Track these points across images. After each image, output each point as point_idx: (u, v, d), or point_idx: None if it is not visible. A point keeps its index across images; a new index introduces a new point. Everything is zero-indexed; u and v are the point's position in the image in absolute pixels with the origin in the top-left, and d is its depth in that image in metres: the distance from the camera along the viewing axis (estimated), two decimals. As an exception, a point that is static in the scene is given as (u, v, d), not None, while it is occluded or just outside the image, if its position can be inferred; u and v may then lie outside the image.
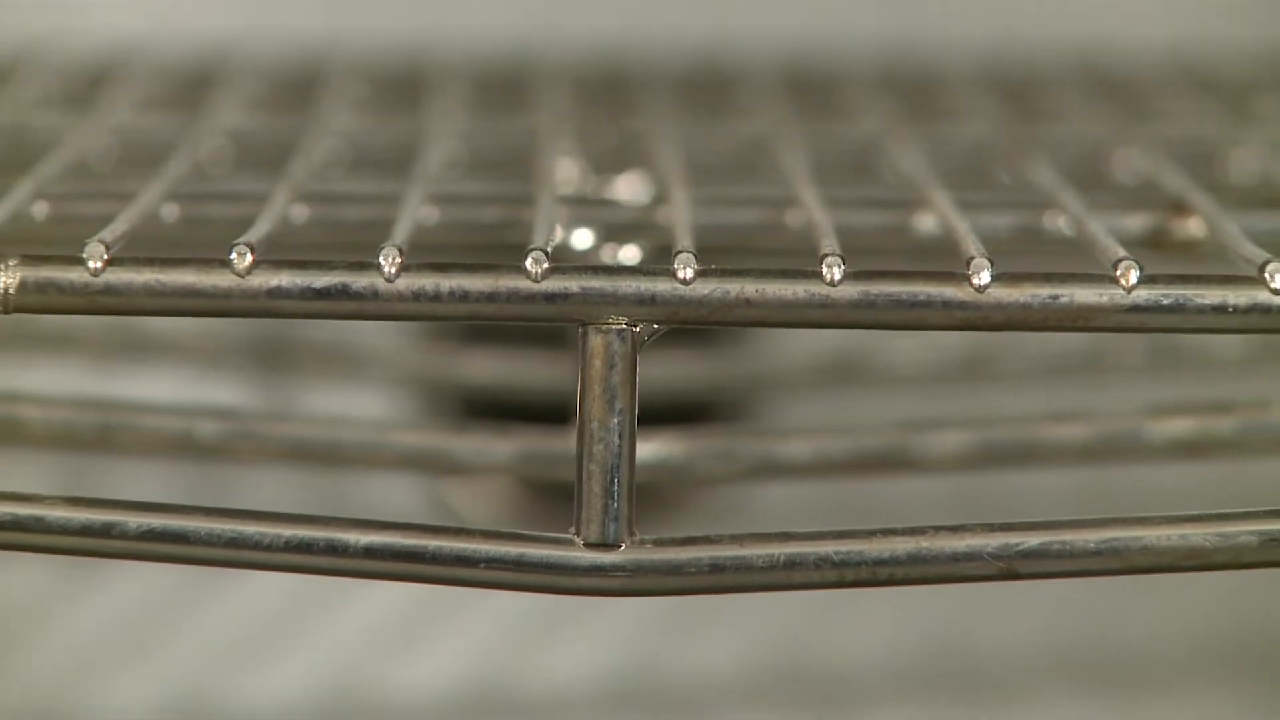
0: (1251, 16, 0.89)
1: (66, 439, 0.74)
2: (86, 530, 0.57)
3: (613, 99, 0.77)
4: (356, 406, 0.89)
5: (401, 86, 0.80)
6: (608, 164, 0.69)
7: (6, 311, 0.54)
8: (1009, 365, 0.84)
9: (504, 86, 0.80)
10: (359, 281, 0.54)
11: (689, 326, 0.56)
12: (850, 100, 0.78)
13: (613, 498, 0.56)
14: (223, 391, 0.88)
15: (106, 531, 0.57)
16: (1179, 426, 0.70)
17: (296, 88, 0.78)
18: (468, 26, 0.87)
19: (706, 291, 0.54)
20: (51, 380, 0.86)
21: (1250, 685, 0.92)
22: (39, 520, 0.57)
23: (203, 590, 0.91)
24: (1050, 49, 0.86)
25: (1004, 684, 0.92)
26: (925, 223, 0.64)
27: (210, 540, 0.57)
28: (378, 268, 0.54)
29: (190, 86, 0.80)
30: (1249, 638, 0.91)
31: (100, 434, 0.74)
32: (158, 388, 0.87)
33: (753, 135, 0.72)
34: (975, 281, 0.54)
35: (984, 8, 0.86)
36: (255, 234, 0.56)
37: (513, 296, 0.54)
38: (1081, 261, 0.56)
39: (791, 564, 0.56)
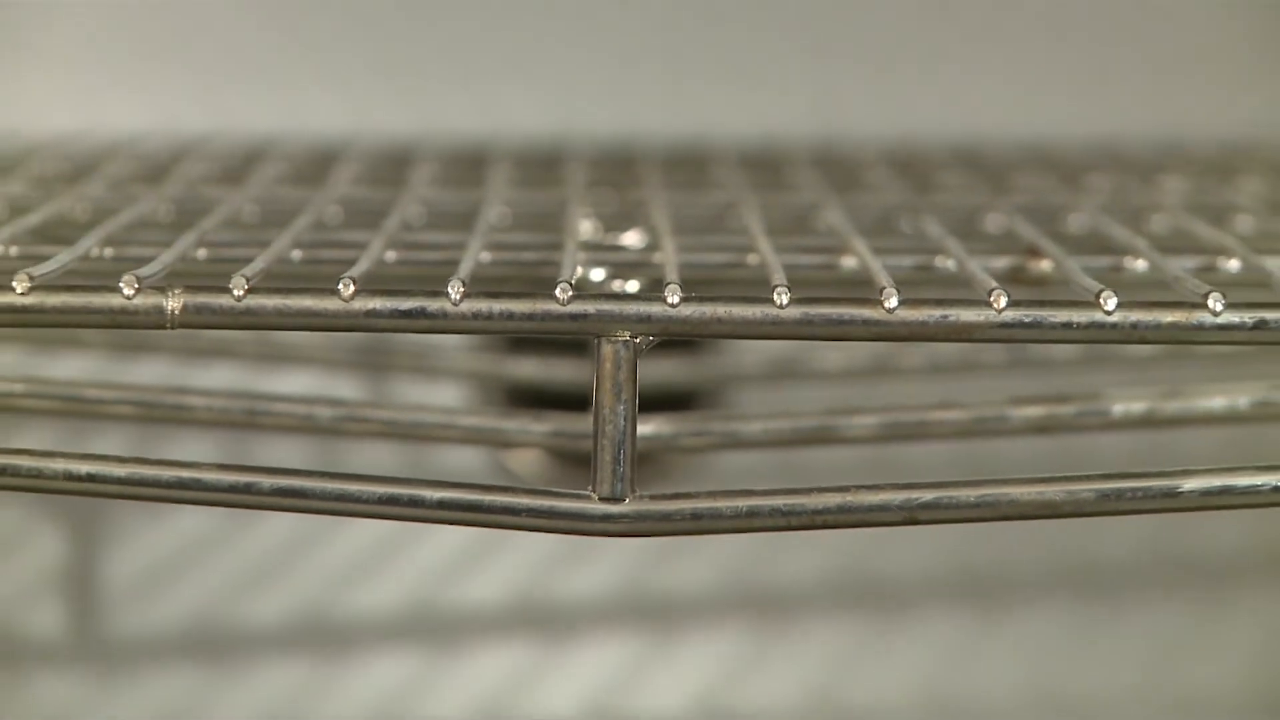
0: (1087, 112, 0.86)
1: (221, 420, 0.73)
2: (232, 488, 0.56)
3: (618, 176, 0.76)
4: (432, 397, 0.87)
5: (466, 166, 0.78)
6: (615, 222, 0.68)
7: (172, 327, 0.53)
8: (908, 365, 0.83)
9: (539, 166, 0.78)
10: (433, 305, 0.53)
11: (676, 338, 0.55)
12: (791, 177, 0.76)
13: (619, 464, 0.55)
14: (335, 385, 0.86)
15: (247, 489, 0.56)
16: (1032, 412, 0.69)
17: (390, 168, 0.77)
18: (515, 125, 0.84)
19: (688, 313, 0.53)
20: (210, 378, 0.84)
21: (1079, 601, 0.89)
22: (198, 481, 0.56)
23: (318, 534, 0.88)
24: (935, 140, 0.84)
25: (904, 600, 0.89)
26: (848, 262, 0.63)
27: (324, 496, 0.56)
28: (447, 295, 0.53)
29: (312, 166, 0.78)
30: (1076, 563, 0.89)
31: (246, 417, 0.73)
32: (288, 383, 0.85)
33: (721, 201, 0.71)
34: (886, 305, 0.53)
35: (888, 112, 0.84)
36: (357, 270, 0.55)
37: (545, 316, 0.53)
38: (963, 291, 0.54)
39: (751, 514, 0.55)
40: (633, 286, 0.59)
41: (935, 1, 0.88)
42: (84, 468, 0.56)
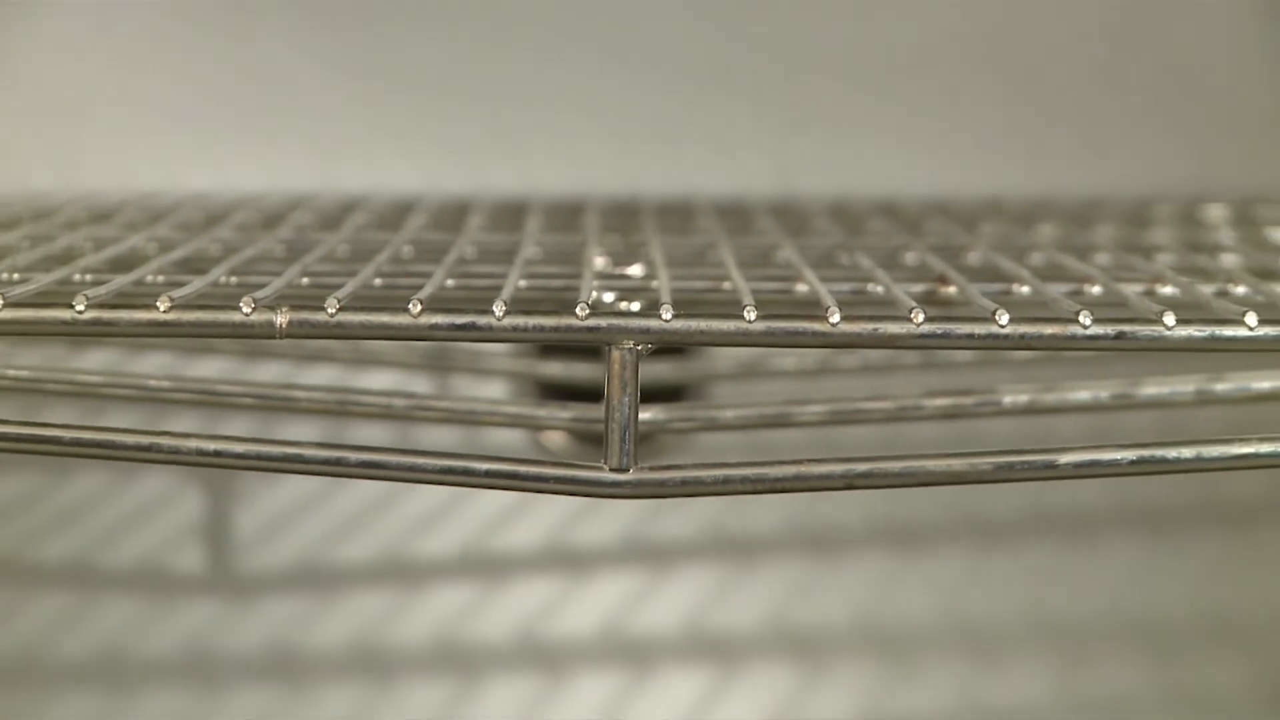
0: (977, 176, 0.85)
1: (319, 409, 0.72)
2: (327, 461, 0.55)
3: (624, 224, 0.75)
4: (482, 391, 0.86)
5: (507, 216, 0.77)
6: (621, 258, 0.67)
7: (281, 338, 0.53)
8: (845, 366, 0.81)
9: (564, 216, 0.77)
10: (482, 320, 0.53)
11: (668, 345, 0.55)
12: (756, 224, 0.75)
13: (625, 443, 0.54)
14: (408, 382, 0.85)
15: (339, 462, 0.55)
16: (941, 402, 0.68)
17: (450, 217, 0.76)
18: (545, 185, 0.83)
19: (678, 326, 0.53)
20: (312, 377, 0.83)
21: (974, 546, 0.88)
22: (300, 456, 0.55)
23: (393, 496, 0.87)
24: (865, 197, 0.83)
25: (841, 544, 0.88)
26: (801, 288, 0.62)
27: (398, 467, 0.55)
28: (492, 312, 0.53)
29: (390, 216, 0.78)
30: (972, 517, 0.87)
31: (339, 407, 0.72)
32: (372, 380, 0.84)
33: (702, 242, 0.70)
34: (830, 321, 0.53)
35: (829, 177, 0.82)
36: (423, 294, 0.55)
37: (568, 329, 0.53)
38: (889, 310, 0.53)
39: (726, 480, 0.54)
40: (635, 306, 0.58)
41: (864, 95, 0.87)
42: (212, 445, 0.56)
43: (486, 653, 0.89)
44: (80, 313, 0.53)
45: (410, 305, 0.53)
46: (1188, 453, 0.55)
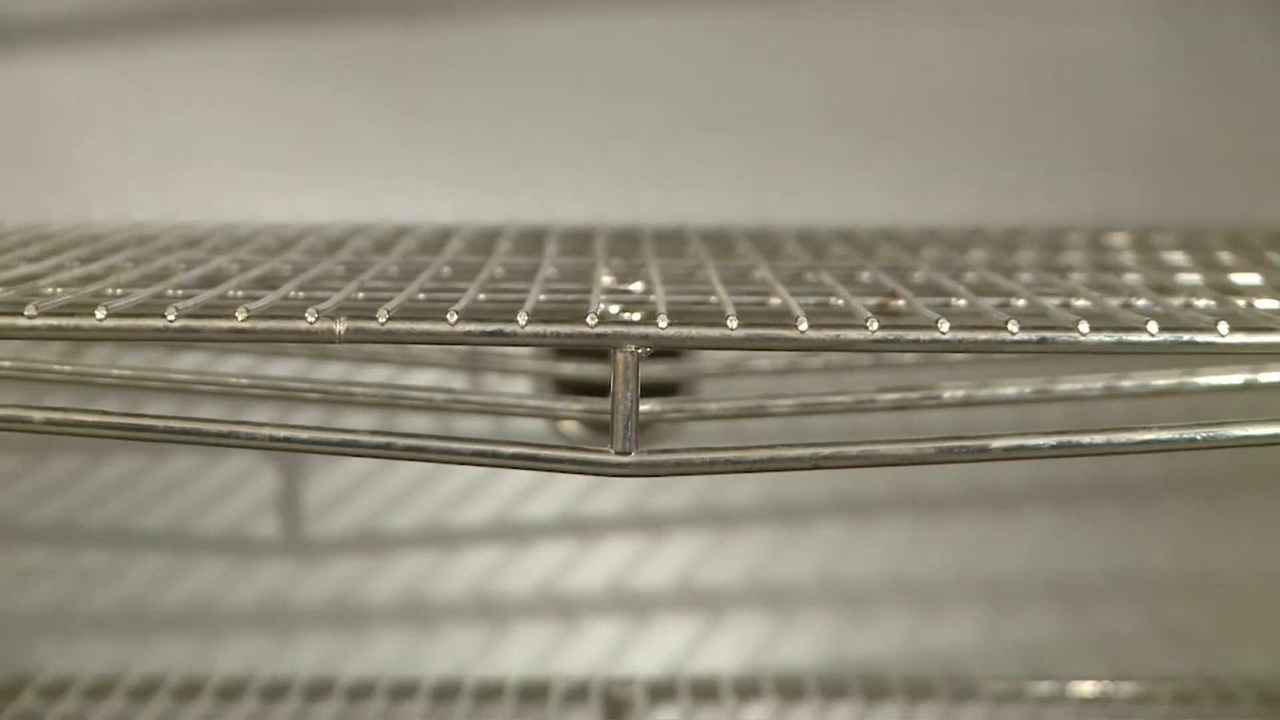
0: (917, 208, 0.86)
1: (373, 402, 0.72)
2: (379, 446, 0.54)
3: (626, 249, 0.75)
4: (509, 387, 0.85)
5: (530, 242, 0.77)
6: (625, 276, 0.66)
7: (340, 343, 0.52)
8: (811, 366, 0.81)
9: (577, 242, 0.77)
10: (508, 328, 0.52)
11: (664, 349, 0.55)
12: (738, 249, 0.74)
13: (627, 431, 0.53)
14: (448, 380, 0.85)
15: (388, 446, 0.54)
16: (891, 396, 0.68)
17: (482, 243, 0.76)
18: (561, 216, 0.83)
19: (672, 333, 0.52)
20: (367, 375, 0.83)
21: (912, 515, 0.88)
22: (356, 441, 0.54)
23: (435, 475, 0.88)
24: (826, 227, 0.83)
25: (805, 514, 0.89)
26: (774, 301, 0.60)
27: (438, 450, 0.54)
28: (517, 321, 0.52)
29: (433, 241, 0.78)
30: (910, 490, 0.87)
31: (389, 400, 0.72)
32: (417, 378, 0.83)
33: (692, 264, 0.69)
34: (800, 328, 0.52)
35: (797, 209, 0.82)
36: (459, 306, 0.53)
37: (581, 335, 0.52)
38: (848, 319, 0.53)
39: (713, 462, 0.53)
40: (636, 316, 0.57)
41: (826, 142, 0.86)
42: (283, 433, 0.55)
43: (512, 604, 0.88)
44: (172, 321, 0.52)
45: (448, 315, 0.52)
46: (1099, 439, 0.55)
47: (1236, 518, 0.88)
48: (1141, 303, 0.59)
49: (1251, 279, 0.67)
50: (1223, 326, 0.53)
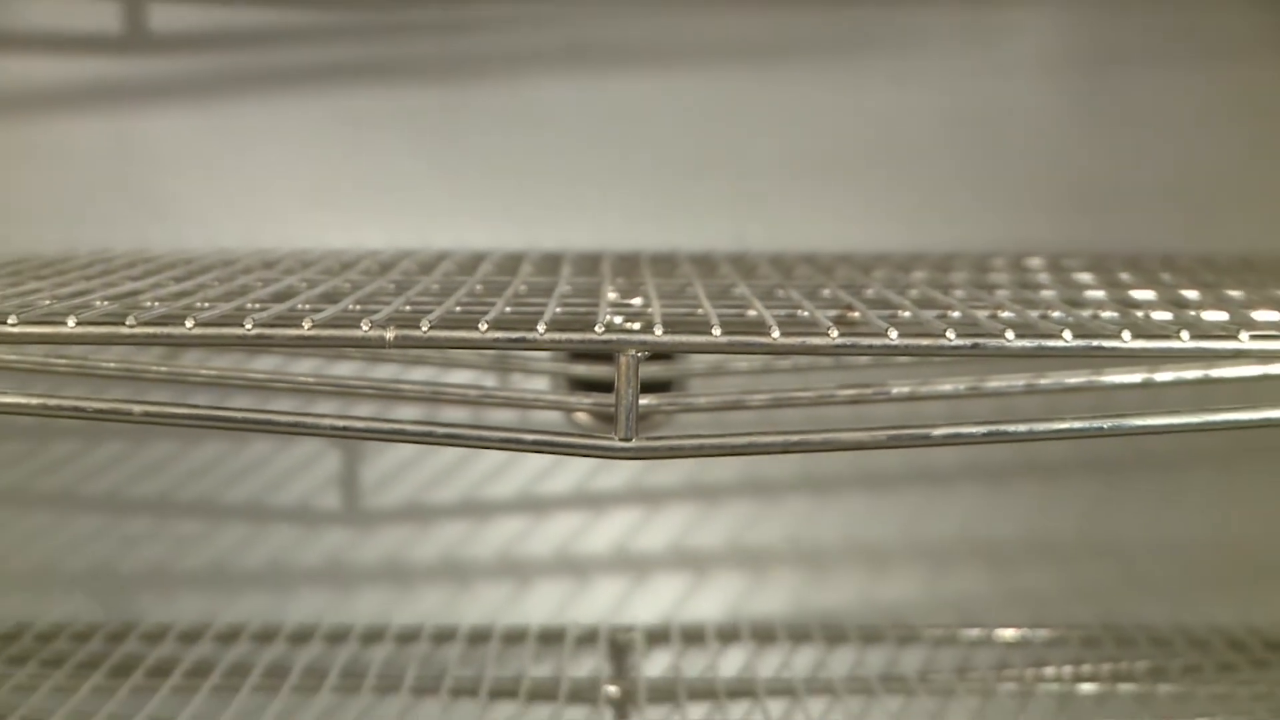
0: (867, 237, 0.86)
1: (418, 397, 0.71)
2: (421, 434, 0.54)
3: (628, 270, 0.74)
4: (531, 384, 0.85)
5: (549, 265, 0.77)
6: (627, 292, 0.66)
7: (388, 348, 0.51)
8: (781, 367, 0.81)
9: (588, 265, 0.76)
10: (530, 335, 0.52)
11: (660, 353, 0.55)
12: (720, 270, 0.74)
13: (629, 421, 0.52)
14: (481, 378, 0.84)
15: (430, 434, 0.54)
16: (849, 392, 0.68)
17: (509, 265, 0.75)
18: (574, 243, 0.82)
19: (667, 339, 0.52)
20: (414, 375, 0.82)
21: (869, 490, 0.86)
22: (404, 430, 0.54)
23: (471, 458, 0.87)
24: (794, 252, 0.82)
25: (775, 491, 0.89)
26: (751, 313, 0.60)
27: (472, 437, 0.54)
28: (537, 329, 0.51)
29: (469, 264, 0.77)
30: (875, 472, 0.86)
31: (431, 395, 0.71)
32: (455, 377, 0.82)
33: (682, 282, 0.69)
34: (773, 335, 0.51)
35: (770, 238, 0.82)
36: (489, 317, 0.53)
37: (591, 341, 0.52)
38: (812, 328, 0.52)
39: (700, 447, 0.53)
40: (636, 326, 0.56)
41: (793, 182, 0.86)
42: (342, 422, 0.55)
43: (533, 564, 0.87)
44: (249, 330, 0.52)
45: (480, 325, 0.52)
46: (1022, 428, 0.54)
47: (1134, 493, 0.87)
48: (1057, 314, 0.59)
49: (1148, 294, 0.66)
50: (1126, 334, 0.53)
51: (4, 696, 0.77)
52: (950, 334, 0.52)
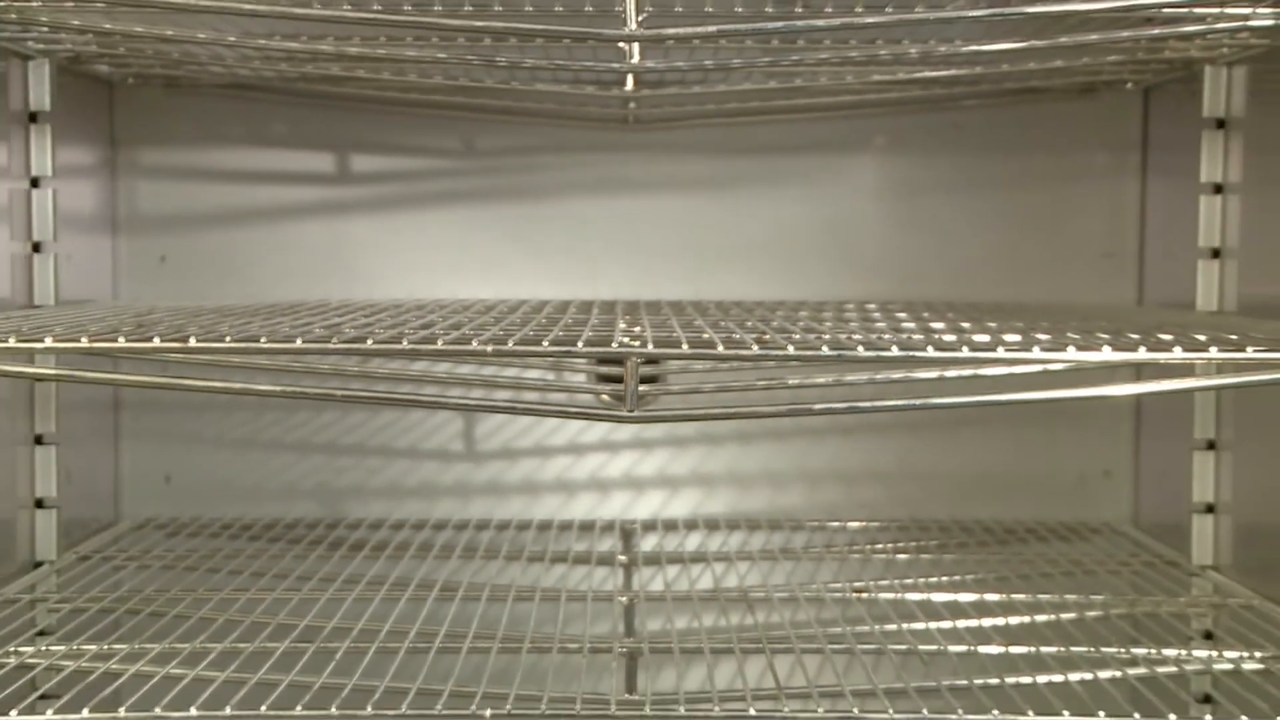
0: (784, 290, 0.84)
1: (507, 386, 0.68)
2: (508, 408, 0.50)
3: (632, 310, 0.72)
4: (574, 379, 0.82)
5: (582, 308, 0.74)
6: (631, 323, 0.63)
7: (488, 356, 0.48)
8: (724, 368, 0.79)
9: (607, 308, 0.74)
10: (574, 348, 0.49)
11: (651, 359, 0.51)
12: (685, 312, 0.73)
13: (633, 399, 0.50)
14: (545, 374, 0.81)
15: (514, 408, 0.51)
16: (763, 383, 0.65)
17: (557, 309, 0.73)
18: (600, 294, 0.81)
19: (655, 351, 0.50)
20: (507, 373, 0.79)
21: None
22: (496, 405, 0.52)
23: (539, 424, 0.84)
24: (732, 300, 0.80)
25: (720, 438, 0.85)
26: (705, 335, 0.57)
27: (541, 411, 0.52)
28: (577, 345, 0.48)
29: (537, 307, 0.75)
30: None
31: (514, 383, 0.68)
32: (530, 374, 0.80)
33: (664, 318, 0.67)
34: (719, 348, 0.49)
35: (723, 290, 0.79)
36: (549, 337, 0.51)
37: (609, 351, 0.50)
38: (741, 344, 0.49)
39: (675, 416, 0.51)
40: (638, 343, 0.54)
41: (733, 261, 0.84)
42: (463, 401, 0.52)
43: (576, 484, 0.85)
44: (404, 346, 0.50)
45: (544, 342, 0.50)
46: (866, 405, 0.52)
47: (929, 442, 0.84)
48: (887, 336, 0.56)
49: (940, 325, 0.64)
50: (930, 349, 0.50)
51: (265, 561, 0.75)
52: (825, 348, 0.49)
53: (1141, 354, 0.50)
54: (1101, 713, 0.50)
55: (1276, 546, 0.68)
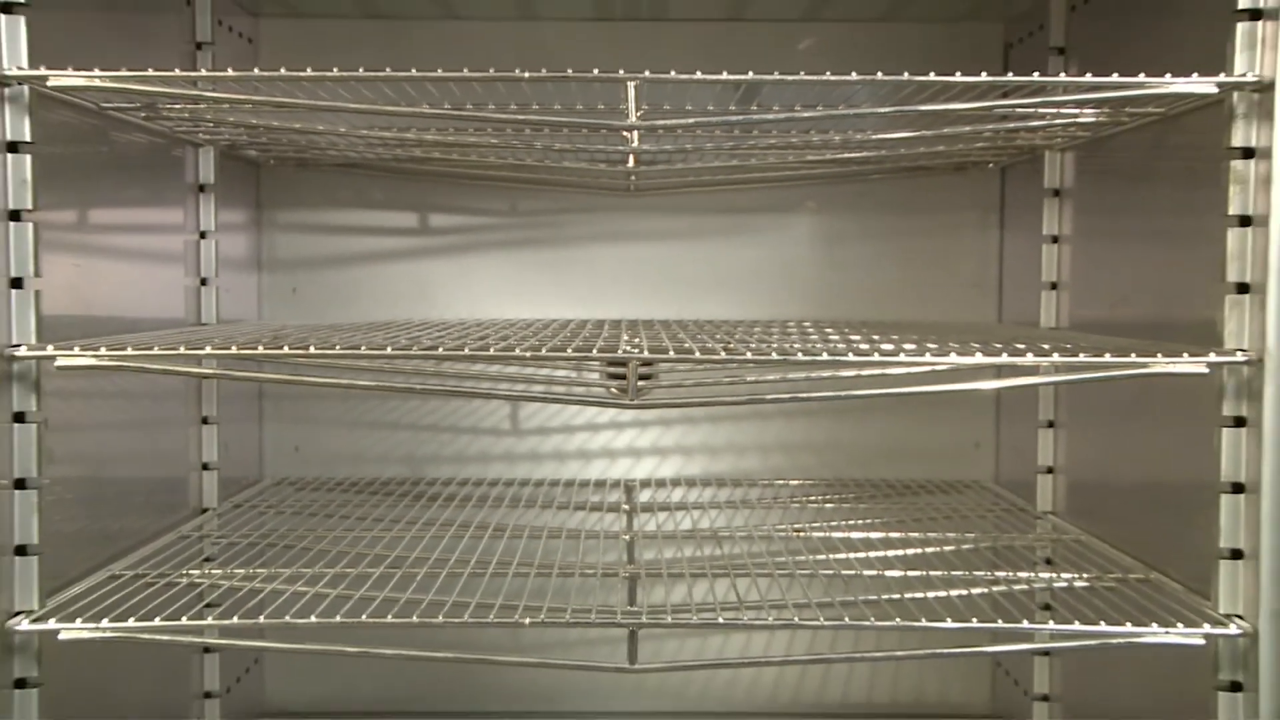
0: (745, 312, 0.84)
1: (541, 382, 0.66)
2: (542, 398, 0.48)
3: (633, 327, 0.70)
4: (590, 376, 0.80)
5: (597, 325, 0.73)
6: (632, 335, 0.61)
7: (524, 359, 0.46)
8: (701, 368, 0.76)
9: (614, 326, 0.73)
10: (588, 354, 0.47)
11: (647, 362, 0.49)
12: (673, 327, 0.71)
13: (633, 392, 0.48)
14: (568, 374, 0.79)
15: (546, 398, 0.49)
16: (729, 379, 0.63)
17: (580, 326, 0.72)
18: (606, 315, 0.80)
19: (650, 356, 0.48)
20: (540, 372, 0.78)
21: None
22: (532, 395, 0.50)
23: (565, 410, 0.82)
24: (708, 321, 0.78)
25: (700, 421, 0.83)
26: (687, 345, 0.55)
27: (566, 399, 0.50)
28: (592, 352, 0.46)
29: (560, 325, 0.73)
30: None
31: (546, 380, 0.66)
32: (559, 374, 0.78)
33: (657, 331, 0.65)
34: (696, 355, 0.47)
35: (705, 313, 0.79)
36: (570, 346, 0.49)
37: (616, 356, 0.48)
38: (713, 351, 0.48)
39: (666, 403, 0.49)
40: (636, 350, 0.53)
41: (711, 292, 0.82)
42: (508, 393, 0.50)
43: (591, 452, 0.83)
44: (465, 353, 0.48)
45: (567, 349, 0.48)
46: (805, 395, 0.51)
47: (851, 422, 0.83)
48: (819, 345, 0.55)
49: (856, 337, 0.62)
50: (850, 354, 0.49)
51: (366, 508, 0.74)
52: (773, 354, 0.49)
53: (1003, 358, 0.50)
54: (974, 619, 0.51)
55: (1097, 497, 0.68)
